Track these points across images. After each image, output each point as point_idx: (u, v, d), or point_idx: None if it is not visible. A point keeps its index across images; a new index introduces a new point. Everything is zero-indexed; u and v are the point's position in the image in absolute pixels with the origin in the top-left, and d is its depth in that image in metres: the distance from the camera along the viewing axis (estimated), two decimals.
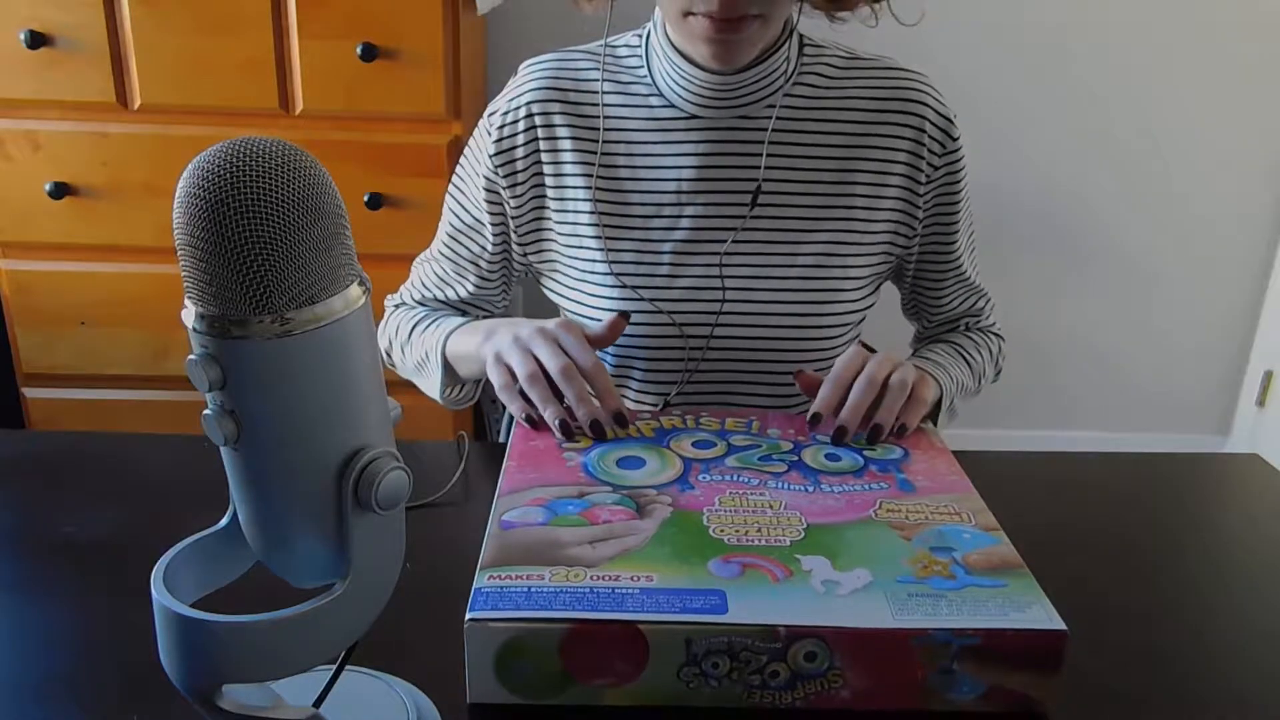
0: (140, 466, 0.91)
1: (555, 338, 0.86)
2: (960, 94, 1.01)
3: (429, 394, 1.07)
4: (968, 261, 1.10)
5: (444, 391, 1.05)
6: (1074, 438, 2.60)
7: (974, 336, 1.11)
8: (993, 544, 0.68)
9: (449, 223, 1.09)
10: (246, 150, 0.43)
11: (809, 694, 0.61)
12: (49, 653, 0.66)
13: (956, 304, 1.12)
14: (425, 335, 1.04)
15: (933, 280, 1.09)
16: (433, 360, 1.02)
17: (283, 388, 0.46)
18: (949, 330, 1.14)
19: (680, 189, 1.00)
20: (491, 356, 0.89)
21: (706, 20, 0.87)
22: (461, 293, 1.10)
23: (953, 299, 1.11)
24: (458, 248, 1.08)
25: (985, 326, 1.14)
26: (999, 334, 1.15)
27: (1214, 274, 2.51)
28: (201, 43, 1.72)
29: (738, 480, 0.76)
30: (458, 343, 0.99)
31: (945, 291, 1.10)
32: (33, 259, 1.85)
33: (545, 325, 0.88)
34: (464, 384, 1.07)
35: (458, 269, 1.09)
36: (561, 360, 0.84)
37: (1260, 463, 0.99)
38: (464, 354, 0.98)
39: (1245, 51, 2.32)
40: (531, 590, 0.61)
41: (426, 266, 1.13)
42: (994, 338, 1.13)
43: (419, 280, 1.13)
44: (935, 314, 1.13)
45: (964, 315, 1.13)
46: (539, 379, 0.85)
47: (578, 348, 0.86)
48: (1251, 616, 0.74)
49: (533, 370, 0.85)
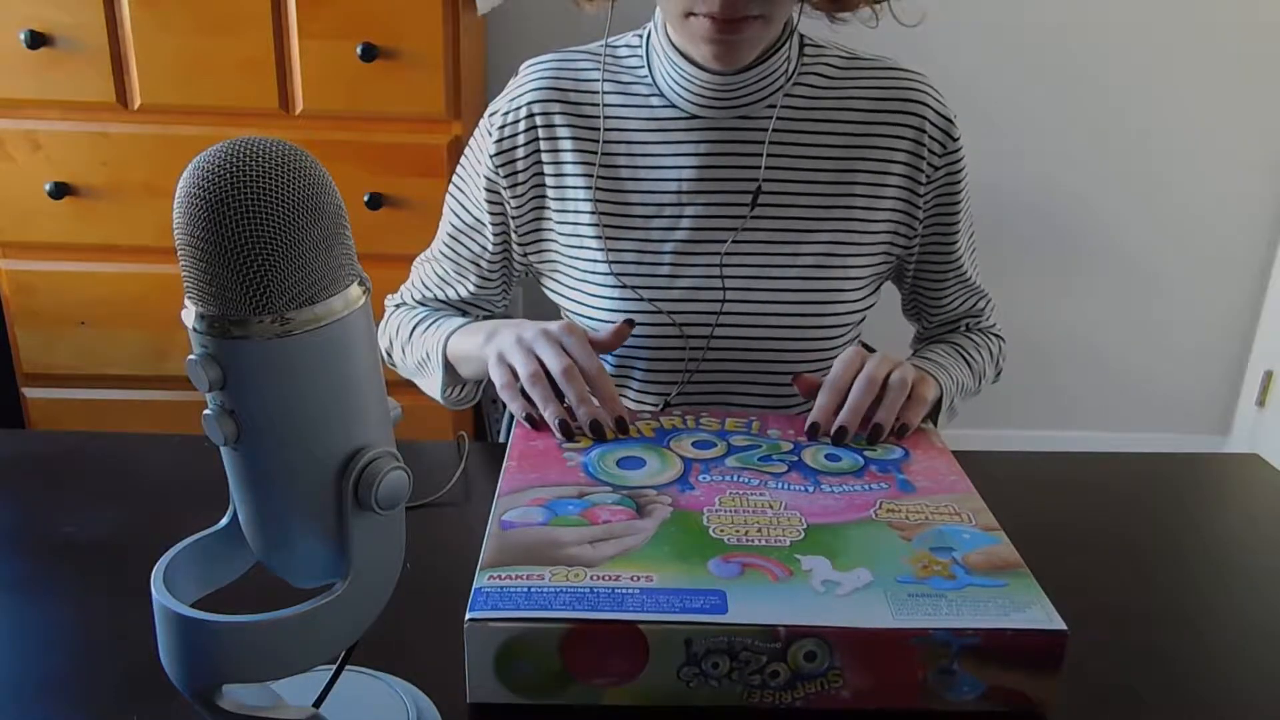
0: (140, 466, 0.91)
1: (559, 340, 0.86)
2: (960, 94, 1.01)
3: (429, 394, 1.07)
4: (968, 262, 1.10)
5: (445, 392, 1.05)
6: (1074, 438, 2.60)
7: (974, 337, 1.11)
8: (993, 544, 0.68)
9: (449, 222, 1.09)
10: (246, 150, 0.43)
11: (809, 694, 0.61)
12: (49, 653, 0.66)
13: (957, 305, 1.11)
14: (426, 335, 1.04)
15: (933, 281, 1.09)
16: (433, 360, 1.02)
17: (283, 388, 0.46)
18: (949, 331, 1.14)
19: (680, 189, 1.00)
20: (494, 356, 0.89)
21: (708, 21, 0.87)
22: (462, 292, 1.10)
23: (953, 300, 1.11)
24: (458, 247, 1.08)
25: (985, 327, 1.14)
26: (999, 335, 1.14)
27: (1214, 274, 2.51)
28: (201, 43, 1.72)
29: (738, 480, 0.76)
30: (459, 343, 0.99)
31: (946, 292, 1.10)
32: (33, 259, 1.85)
33: (549, 327, 0.88)
34: (465, 384, 1.07)
35: (458, 269, 1.09)
36: (564, 361, 0.85)
37: (1260, 463, 0.99)
38: (465, 354, 0.98)
39: (1245, 51, 2.32)
40: (531, 590, 0.61)
41: (427, 266, 1.13)
42: (994, 338, 1.13)
43: (419, 280, 1.13)
44: (935, 314, 1.13)
45: (964, 316, 1.13)
46: (541, 379, 0.85)
47: (581, 351, 0.86)
48: (1251, 616, 0.74)
49: (535, 370, 0.85)
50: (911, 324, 1.19)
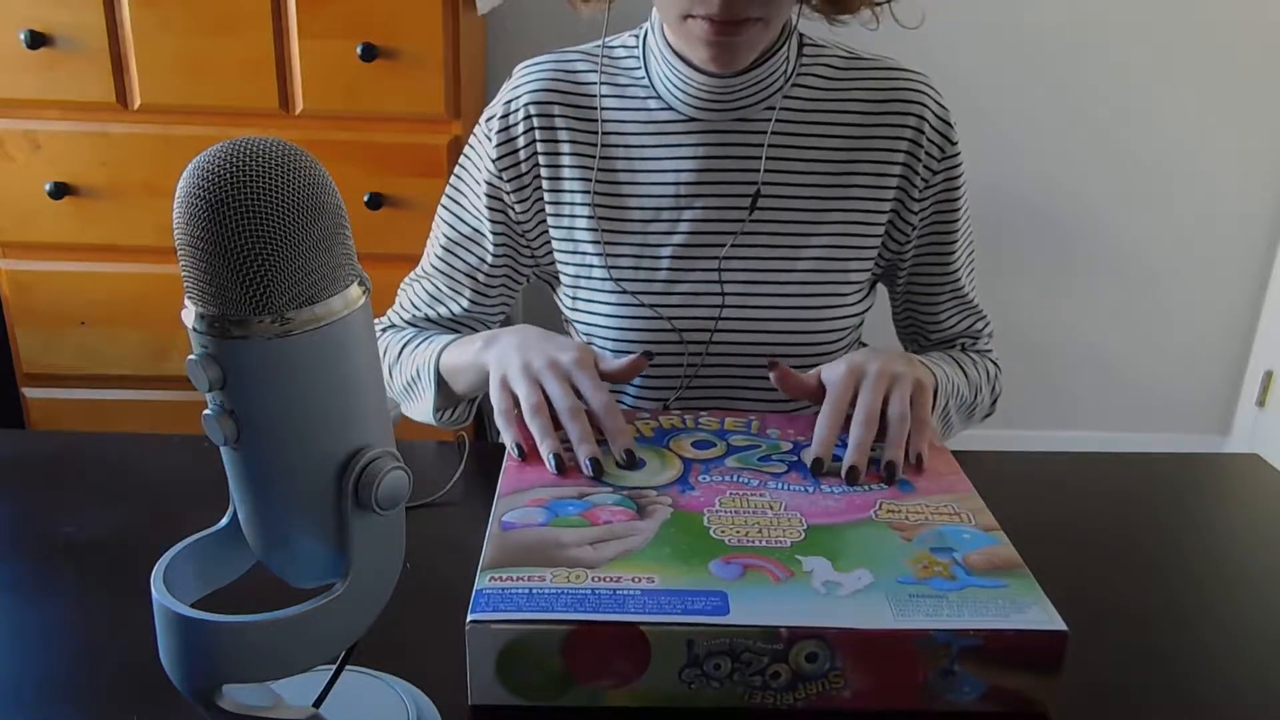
0: (140, 466, 0.91)
1: (568, 374, 0.81)
2: (960, 94, 1.01)
3: (421, 418, 1.02)
4: (965, 278, 1.07)
5: (437, 415, 1.00)
6: (1074, 438, 2.60)
7: (971, 355, 1.07)
8: (993, 544, 0.68)
9: (443, 235, 1.05)
10: (246, 150, 0.43)
11: (810, 695, 0.61)
12: (49, 653, 0.66)
13: (953, 323, 1.08)
14: (416, 353, 1.00)
15: (928, 294, 1.06)
16: (425, 377, 0.97)
17: (283, 388, 0.46)
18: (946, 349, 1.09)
19: (679, 193, 0.99)
20: (498, 377, 0.84)
21: (706, 23, 0.86)
22: (455, 309, 1.06)
23: (949, 317, 1.08)
24: (454, 260, 1.04)
25: (982, 350, 1.10)
26: (996, 362, 1.10)
27: (1214, 274, 2.51)
28: (201, 43, 1.72)
29: (738, 481, 0.75)
30: (453, 354, 0.94)
31: (941, 308, 1.07)
32: (33, 259, 1.85)
33: (560, 358, 0.82)
34: (458, 405, 1.02)
35: (452, 284, 1.05)
36: (571, 400, 0.80)
37: (1260, 463, 0.99)
38: (461, 364, 0.93)
39: (1245, 52, 2.32)
40: (533, 592, 0.61)
41: (416, 286, 1.08)
42: (991, 364, 1.09)
43: (408, 301, 1.08)
44: (931, 332, 1.09)
45: (961, 336, 1.09)
46: (543, 410, 0.80)
47: (590, 387, 0.81)
48: (1251, 616, 0.74)
49: (539, 401, 0.80)
50: (906, 346, 1.15)
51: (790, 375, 0.85)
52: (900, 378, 0.83)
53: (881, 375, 0.82)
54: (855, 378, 0.82)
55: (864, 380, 0.82)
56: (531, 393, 0.80)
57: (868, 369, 0.83)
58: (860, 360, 0.84)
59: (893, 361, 0.85)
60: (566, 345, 0.84)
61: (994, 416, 1.13)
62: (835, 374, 0.83)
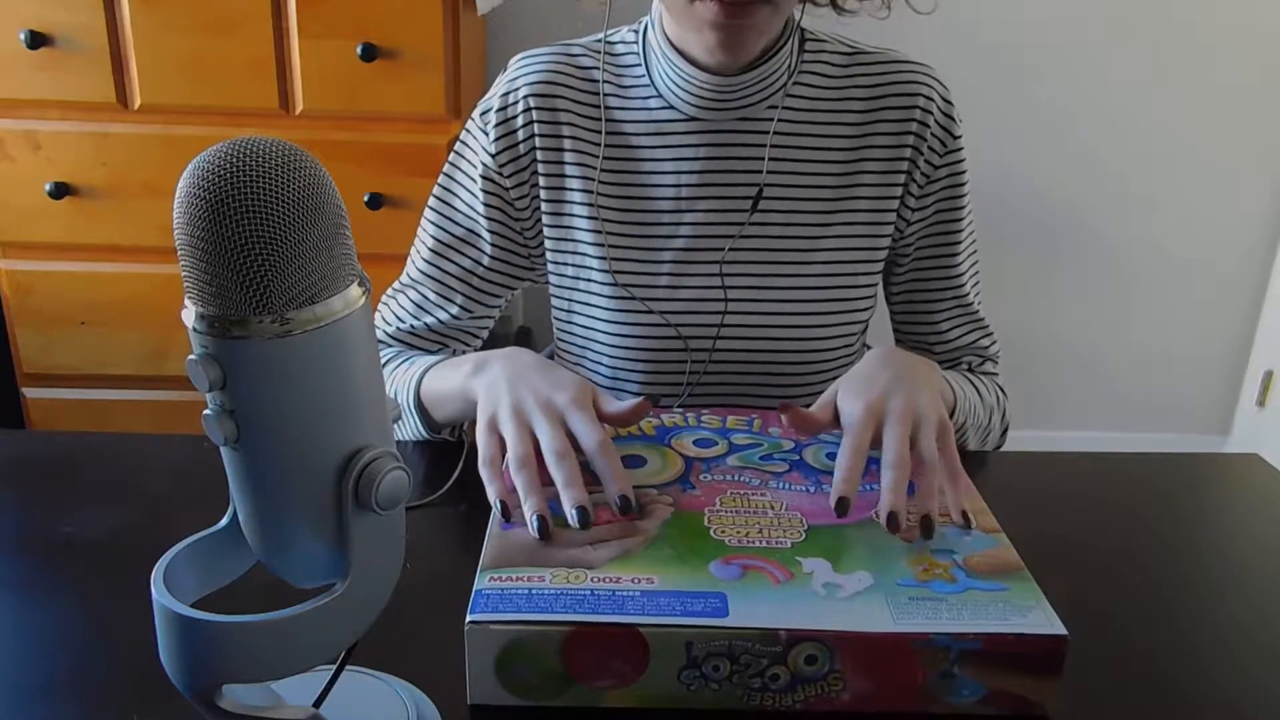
0: (140, 466, 0.91)
1: (562, 417, 0.74)
2: (959, 94, 1.00)
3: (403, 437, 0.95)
4: (970, 285, 1.03)
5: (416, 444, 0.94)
6: (1073, 438, 2.60)
7: (981, 378, 1.01)
8: (993, 546, 0.68)
9: (432, 238, 1.01)
10: (246, 150, 0.43)
11: (809, 697, 0.61)
12: (49, 653, 0.66)
13: (958, 335, 1.04)
14: (395, 374, 0.93)
15: (929, 300, 1.03)
16: (402, 403, 0.90)
17: (283, 388, 0.46)
18: (951, 368, 1.03)
19: (680, 194, 0.97)
20: (485, 418, 0.76)
21: (715, 5, 0.83)
22: (443, 316, 1.01)
23: (953, 328, 1.04)
24: (444, 264, 1.01)
25: (989, 373, 1.05)
26: (1002, 388, 1.03)
27: (1214, 274, 2.51)
28: (201, 43, 1.72)
29: (739, 480, 0.75)
30: (436, 379, 0.88)
31: (943, 316, 1.03)
32: (33, 259, 1.85)
33: (555, 399, 0.74)
34: (441, 430, 0.94)
35: (442, 289, 1.01)
36: (561, 442, 0.72)
37: (1260, 463, 0.99)
38: (445, 392, 0.86)
39: (1245, 52, 2.32)
40: (532, 592, 0.61)
41: (400, 297, 1.03)
42: (1000, 391, 1.03)
43: (391, 314, 1.03)
44: (934, 345, 1.05)
45: (967, 351, 1.05)
46: (530, 463, 0.71)
47: (585, 425, 0.73)
48: (1251, 617, 0.74)
49: (526, 453, 0.72)
50: None
51: (805, 417, 0.78)
52: (925, 419, 0.74)
53: (906, 414, 0.74)
54: (875, 417, 0.74)
55: (887, 420, 0.74)
56: (520, 441, 0.72)
57: (890, 406, 0.74)
58: (879, 394, 0.75)
59: (915, 394, 0.76)
60: (563, 382, 0.76)
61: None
62: (854, 413, 0.74)
